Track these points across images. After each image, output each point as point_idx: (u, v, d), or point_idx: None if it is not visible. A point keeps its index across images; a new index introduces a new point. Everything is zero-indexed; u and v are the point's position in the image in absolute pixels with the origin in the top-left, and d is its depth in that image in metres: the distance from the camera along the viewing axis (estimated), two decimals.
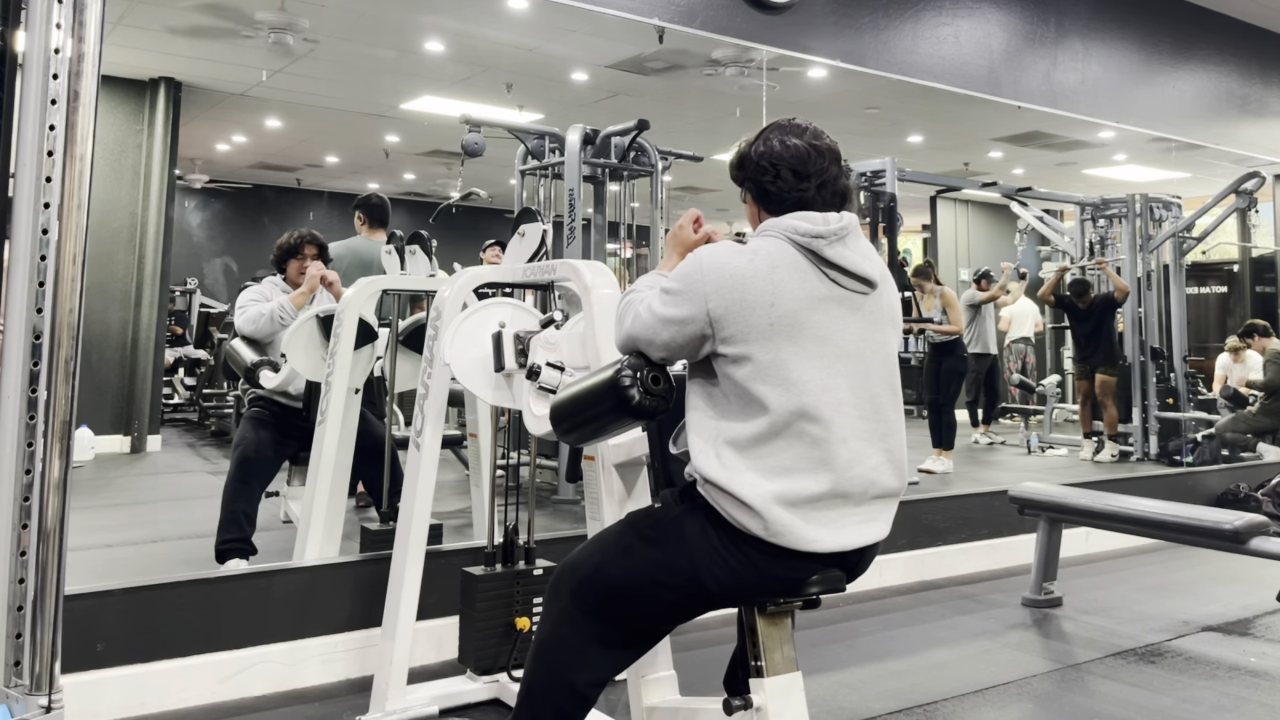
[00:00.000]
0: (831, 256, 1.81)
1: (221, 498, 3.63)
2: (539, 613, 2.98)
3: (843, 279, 1.83)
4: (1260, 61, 7.05)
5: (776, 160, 1.88)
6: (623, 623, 1.89)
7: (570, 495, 5.14)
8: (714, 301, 1.77)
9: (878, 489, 1.84)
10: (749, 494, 1.74)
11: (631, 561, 1.87)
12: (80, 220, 1.84)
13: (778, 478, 1.75)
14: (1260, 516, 3.59)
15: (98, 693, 2.80)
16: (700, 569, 1.80)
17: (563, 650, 1.88)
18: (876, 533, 1.87)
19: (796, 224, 1.83)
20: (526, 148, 5.74)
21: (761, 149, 1.90)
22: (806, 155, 1.87)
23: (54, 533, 1.81)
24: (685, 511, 1.84)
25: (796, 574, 1.83)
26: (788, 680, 1.89)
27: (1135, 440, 7.26)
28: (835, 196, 1.90)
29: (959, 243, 11.33)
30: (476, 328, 2.67)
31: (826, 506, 1.78)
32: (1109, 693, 3.14)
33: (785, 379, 1.76)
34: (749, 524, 1.75)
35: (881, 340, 1.88)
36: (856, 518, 1.83)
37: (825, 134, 1.93)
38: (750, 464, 1.76)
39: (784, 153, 1.88)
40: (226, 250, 11.75)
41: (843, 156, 1.93)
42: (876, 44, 5.04)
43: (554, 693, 1.88)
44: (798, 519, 1.75)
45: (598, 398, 1.89)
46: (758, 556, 1.79)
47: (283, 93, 7.43)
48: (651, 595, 1.85)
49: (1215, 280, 10.23)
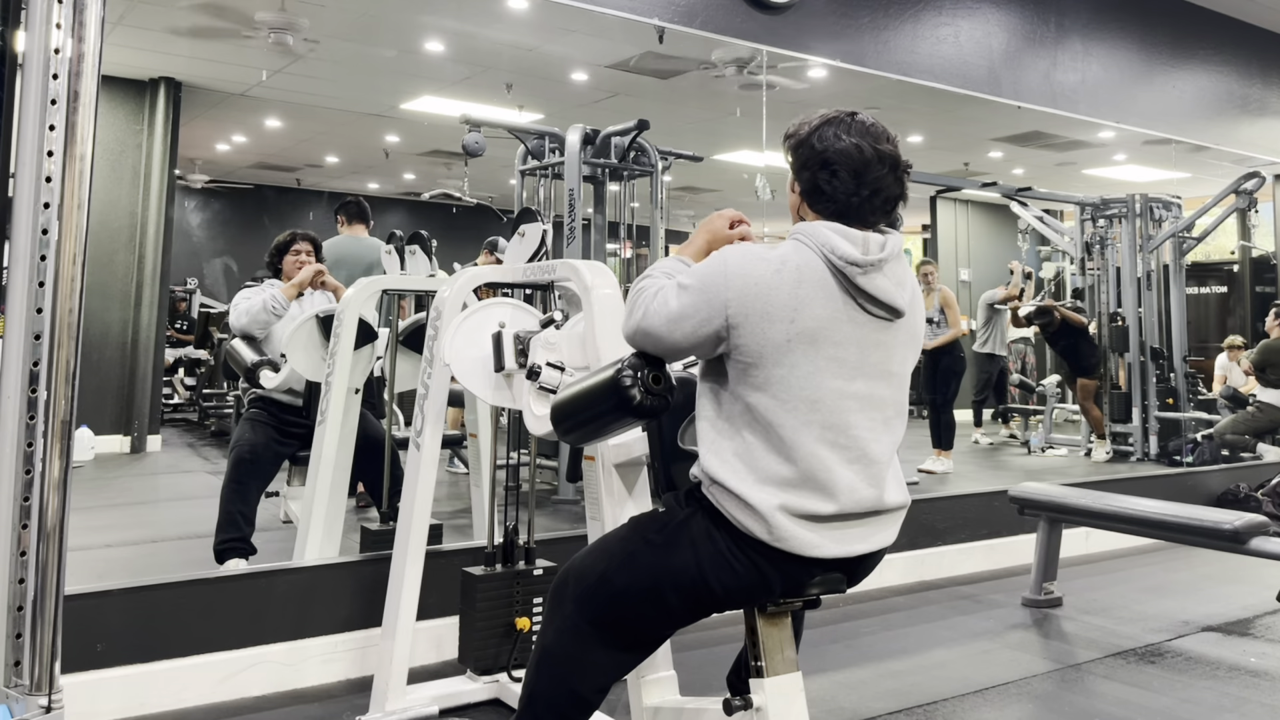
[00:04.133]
0: (864, 285, 1.75)
1: (219, 499, 3.63)
2: (539, 613, 2.99)
3: (871, 306, 1.77)
4: (1260, 61, 7.05)
5: (837, 159, 1.79)
6: (627, 629, 1.87)
7: (570, 495, 5.14)
8: (734, 308, 1.72)
9: (882, 507, 1.83)
10: (755, 498, 1.73)
11: (636, 568, 1.84)
12: (80, 220, 1.84)
13: (782, 491, 1.74)
14: (1260, 516, 3.59)
15: (98, 693, 2.80)
16: (706, 573, 1.79)
17: (566, 658, 1.87)
18: (882, 541, 1.87)
19: (835, 243, 1.75)
20: (526, 148, 5.74)
21: (825, 143, 1.80)
22: (870, 162, 1.79)
23: (54, 533, 1.81)
24: (690, 515, 1.83)
25: (800, 577, 1.83)
26: (788, 680, 1.89)
27: (1135, 440, 7.26)
28: (886, 203, 1.83)
29: (959, 243, 11.33)
30: (476, 328, 2.67)
31: (830, 521, 1.78)
32: (1109, 693, 3.14)
33: (796, 396, 1.73)
34: (753, 528, 1.74)
35: (899, 360, 1.85)
36: (862, 530, 1.83)
37: (889, 135, 1.84)
38: (756, 475, 1.75)
39: (850, 152, 1.78)
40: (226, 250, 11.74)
41: (903, 159, 1.85)
42: (876, 44, 5.04)
43: (558, 700, 1.87)
44: (802, 529, 1.75)
45: (598, 397, 1.89)
46: (762, 561, 1.78)
47: (283, 93, 7.42)
48: (657, 601, 1.84)
49: (1215, 280, 10.23)
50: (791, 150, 1.87)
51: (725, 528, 1.78)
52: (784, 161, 1.92)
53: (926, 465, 6.44)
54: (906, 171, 1.86)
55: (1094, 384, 7.63)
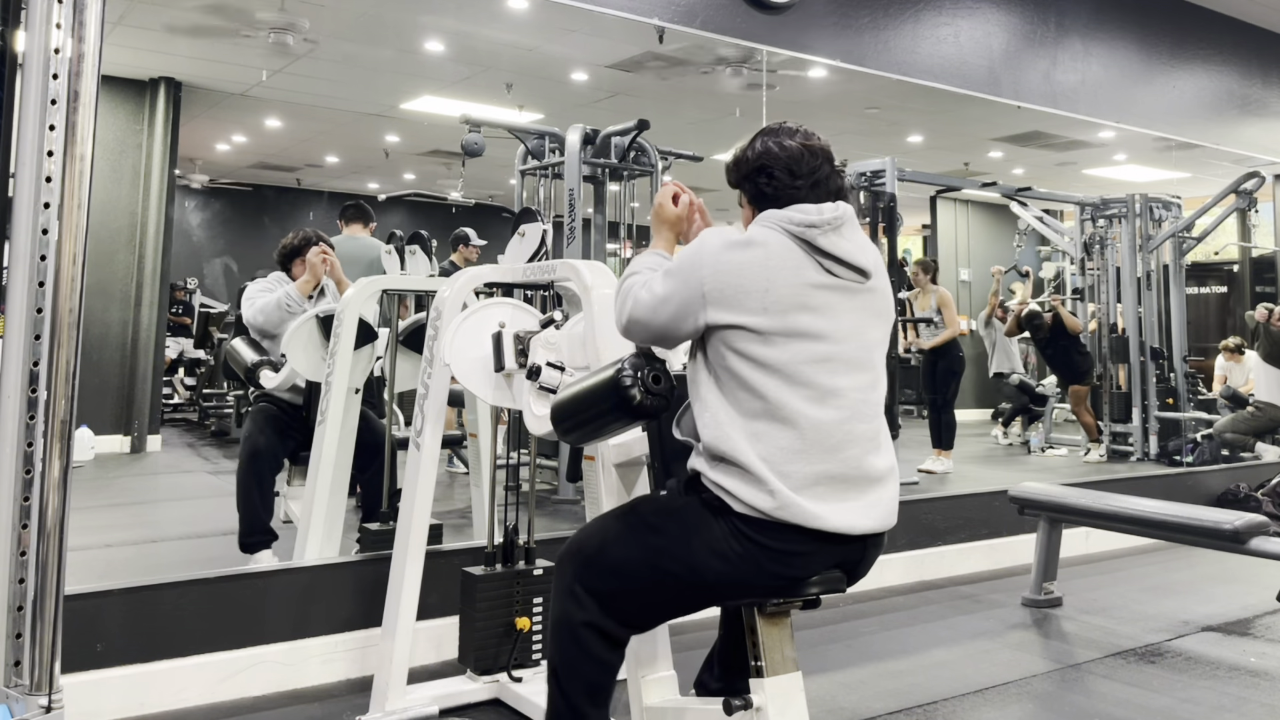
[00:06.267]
0: (825, 245, 1.87)
1: (237, 493, 3.66)
2: (539, 613, 3.00)
3: (837, 268, 1.88)
4: (1260, 61, 7.05)
5: (771, 161, 1.94)
6: (626, 601, 1.94)
7: (570, 495, 5.14)
8: (709, 285, 1.82)
9: (872, 470, 1.88)
10: (757, 467, 1.79)
11: (632, 546, 1.91)
12: (80, 220, 1.84)
13: (778, 459, 1.80)
14: (1260, 516, 3.58)
15: (98, 693, 2.80)
16: (699, 559, 1.83)
17: (575, 625, 1.94)
18: (880, 519, 1.90)
19: (791, 214, 1.89)
20: (526, 148, 5.74)
21: (756, 151, 1.96)
22: (800, 155, 1.93)
23: (54, 533, 1.81)
24: (689, 502, 1.88)
25: (796, 567, 1.84)
26: (788, 680, 1.90)
27: (1135, 440, 7.26)
28: (829, 194, 1.94)
29: (959, 243, 11.33)
30: (476, 328, 2.67)
31: (828, 486, 1.83)
32: (1109, 693, 3.14)
33: (778, 366, 1.81)
34: (756, 499, 1.78)
35: (874, 329, 1.94)
36: (859, 501, 1.86)
37: (816, 134, 1.99)
38: (753, 446, 1.80)
39: (779, 153, 1.93)
40: (226, 250, 11.75)
41: (834, 157, 1.99)
42: (876, 44, 5.04)
43: (578, 665, 1.93)
44: (803, 497, 1.79)
45: (599, 397, 1.91)
46: (758, 547, 1.81)
47: (283, 93, 7.42)
48: (652, 580, 1.90)
49: (1215, 280, 10.23)
50: (733, 171, 2.02)
51: (724, 514, 1.82)
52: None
53: (926, 465, 6.44)
54: (843, 166, 2.02)
55: (1085, 390, 7.66)
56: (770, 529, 1.80)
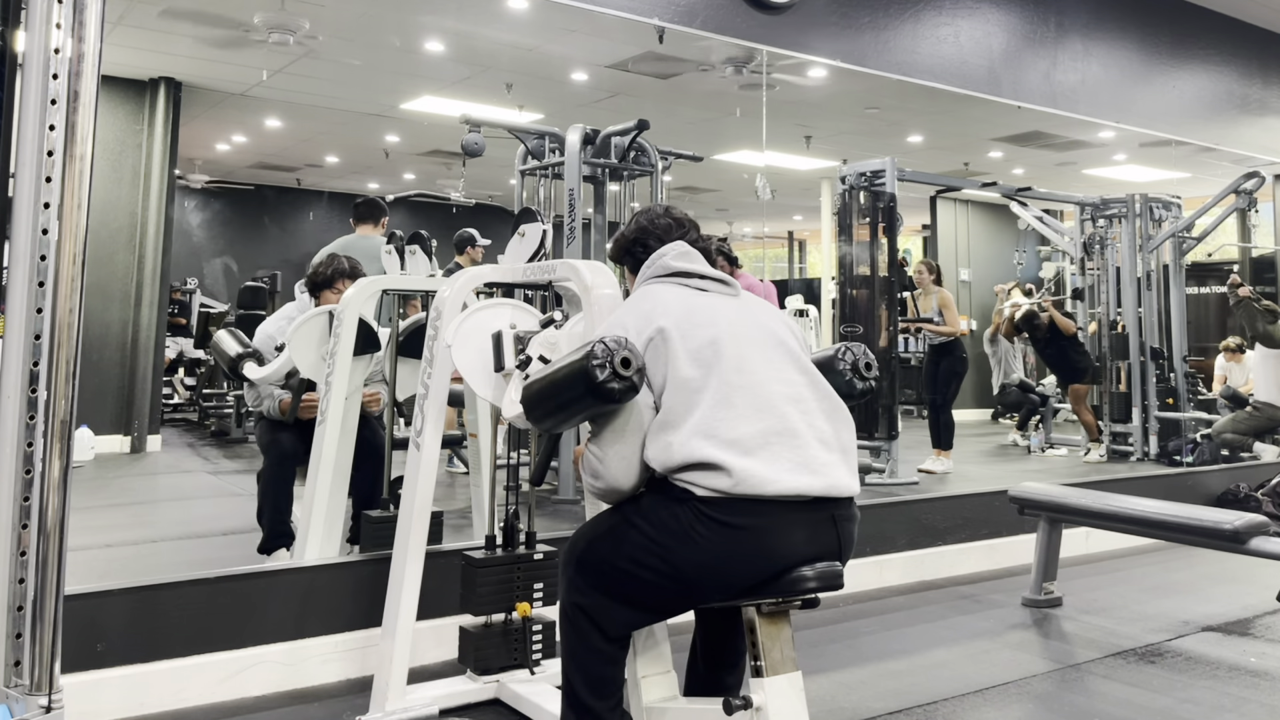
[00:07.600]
0: (684, 267, 2.17)
1: (263, 495, 3.68)
2: (539, 598, 3.02)
3: (706, 284, 2.17)
4: (1260, 61, 7.06)
5: (639, 234, 2.31)
6: (619, 593, 2.03)
7: (570, 495, 5.14)
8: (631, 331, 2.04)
9: (812, 431, 1.99)
10: (708, 453, 1.89)
11: (612, 541, 2.04)
12: (80, 220, 1.84)
13: (717, 429, 1.92)
14: (1260, 516, 3.58)
15: (98, 693, 2.80)
16: (671, 550, 1.92)
17: (573, 614, 2.07)
18: (836, 481, 1.97)
19: (652, 260, 2.23)
20: (526, 148, 5.74)
21: (630, 230, 2.35)
22: (669, 226, 2.30)
23: (54, 533, 1.81)
24: (657, 499, 1.98)
25: (767, 545, 1.89)
26: (788, 680, 1.90)
27: (1135, 440, 7.26)
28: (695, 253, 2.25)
29: (959, 243, 11.34)
30: (476, 328, 2.67)
31: (769, 443, 1.93)
32: (1109, 693, 3.14)
33: (693, 352, 1.99)
34: (715, 482, 1.88)
35: (757, 314, 2.15)
36: (805, 462, 1.94)
37: (677, 209, 2.38)
38: (693, 429, 1.92)
39: (650, 226, 2.31)
40: (226, 250, 11.76)
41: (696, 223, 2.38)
42: (876, 44, 5.04)
43: (578, 654, 2.06)
44: (754, 461, 1.89)
45: (570, 383, 1.96)
46: (724, 530, 1.88)
47: (283, 93, 7.43)
48: (635, 575, 2.00)
49: (1215, 280, 10.22)
50: (615, 251, 2.39)
51: (687, 501, 1.91)
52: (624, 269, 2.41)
53: (926, 465, 6.44)
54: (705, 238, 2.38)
55: (1084, 389, 7.68)
56: (730, 506, 1.88)
